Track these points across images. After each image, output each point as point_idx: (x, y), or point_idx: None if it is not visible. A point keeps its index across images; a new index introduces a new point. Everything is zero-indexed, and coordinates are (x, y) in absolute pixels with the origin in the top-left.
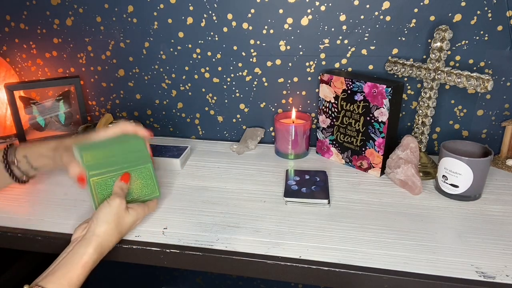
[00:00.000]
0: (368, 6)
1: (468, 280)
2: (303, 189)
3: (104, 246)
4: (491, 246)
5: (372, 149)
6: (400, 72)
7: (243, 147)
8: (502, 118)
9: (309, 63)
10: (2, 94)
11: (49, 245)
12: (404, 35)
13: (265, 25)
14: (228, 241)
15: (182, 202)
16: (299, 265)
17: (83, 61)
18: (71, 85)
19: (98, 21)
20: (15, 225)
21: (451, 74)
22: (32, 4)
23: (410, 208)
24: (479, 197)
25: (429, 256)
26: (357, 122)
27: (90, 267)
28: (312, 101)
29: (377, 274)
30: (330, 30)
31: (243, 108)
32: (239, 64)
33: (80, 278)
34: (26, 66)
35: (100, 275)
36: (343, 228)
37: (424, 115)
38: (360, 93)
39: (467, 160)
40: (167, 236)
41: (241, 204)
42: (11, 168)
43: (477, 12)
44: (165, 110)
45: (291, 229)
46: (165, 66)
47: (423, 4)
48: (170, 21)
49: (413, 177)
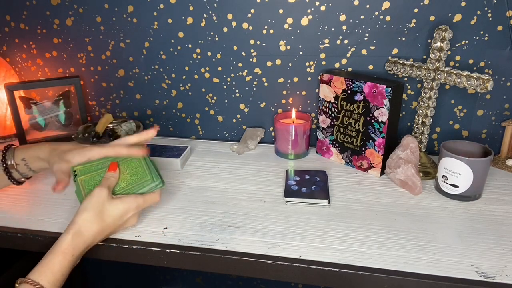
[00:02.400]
0: (368, 6)
1: (468, 280)
2: (303, 189)
3: (83, 232)
4: (491, 246)
5: (372, 149)
6: (400, 72)
7: (243, 147)
8: (502, 118)
9: (309, 63)
10: (2, 94)
11: (49, 245)
12: (404, 35)
13: (265, 25)
14: (228, 241)
15: (182, 202)
16: (299, 265)
17: (83, 61)
18: (71, 85)
19: (98, 21)
20: (15, 225)
21: (451, 74)
22: (32, 4)
23: (410, 208)
24: (479, 197)
25: (429, 256)
26: (357, 122)
27: (71, 253)
28: (312, 101)
29: (377, 274)
30: (330, 30)
31: (243, 108)
32: (239, 64)
33: (62, 264)
34: (26, 66)
35: (100, 275)
36: (343, 228)
37: (424, 115)
38: (360, 93)
39: (467, 160)
40: (167, 236)
41: (241, 204)
42: (10, 171)
43: (477, 12)
44: (165, 110)
45: (291, 229)
46: (165, 66)
47: (423, 4)
48: (170, 21)
49: (413, 177)
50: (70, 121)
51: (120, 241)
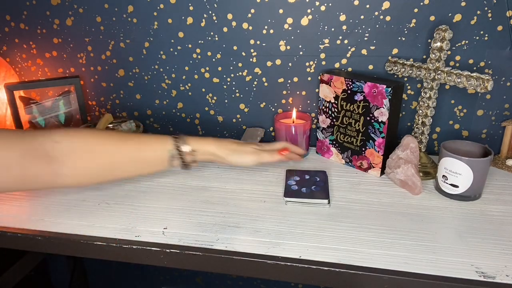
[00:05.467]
0: (368, 6)
1: (468, 280)
2: (303, 189)
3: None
4: (491, 246)
5: (372, 149)
6: (400, 72)
7: None
8: (502, 118)
9: (309, 63)
10: (2, 94)
11: (49, 245)
12: (404, 35)
13: (265, 25)
14: (228, 241)
15: (182, 202)
16: (299, 265)
17: (83, 61)
18: (71, 85)
19: (98, 21)
20: (15, 225)
21: (451, 74)
22: (32, 4)
23: (410, 208)
24: (479, 197)
25: (429, 256)
26: (357, 122)
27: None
28: (312, 101)
29: (377, 274)
30: (330, 30)
31: (243, 108)
32: (239, 64)
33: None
34: (26, 66)
35: (100, 275)
36: (343, 228)
37: (424, 115)
38: (360, 93)
39: (467, 160)
40: (167, 236)
41: (241, 204)
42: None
43: (477, 12)
44: (165, 110)
45: (291, 229)
46: (165, 66)
47: (423, 4)
48: (170, 21)
49: (413, 177)
50: (70, 121)
51: (120, 241)
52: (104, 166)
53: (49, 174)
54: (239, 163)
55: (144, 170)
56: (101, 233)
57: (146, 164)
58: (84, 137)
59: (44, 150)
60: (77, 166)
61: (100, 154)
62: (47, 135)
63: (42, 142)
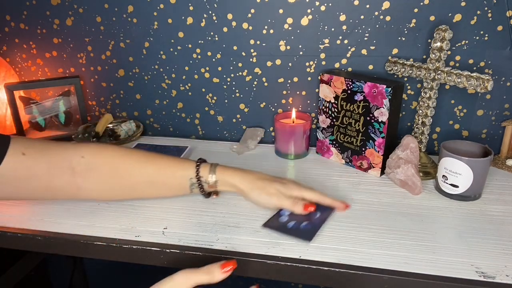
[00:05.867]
0: (368, 6)
1: (468, 280)
2: (290, 223)
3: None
4: (491, 246)
5: (372, 149)
6: (400, 72)
7: (243, 147)
8: (502, 118)
9: (309, 63)
10: (2, 94)
11: (49, 245)
12: (404, 35)
13: (265, 25)
14: (228, 241)
15: (182, 202)
16: (299, 265)
17: (83, 61)
18: (71, 85)
19: (98, 21)
20: (15, 225)
21: (451, 74)
22: (32, 4)
23: (410, 208)
24: (479, 197)
25: (429, 256)
26: (357, 122)
27: None
28: (312, 101)
29: (377, 274)
30: (330, 30)
31: (243, 108)
32: (239, 64)
33: None
34: (26, 66)
35: (100, 275)
36: (343, 228)
37: (424, 115)
38: (360, 93)
39: (467, 160)
40: (167, 236)
41: (241, 204)
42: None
43: (477, 12)
44: (165, 110)
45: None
46: (165, 66)
47: (423, 4)
48: (170, 21)
49: (413, 177)
50: (70, 121)
51: (120, 241)
52: (125, 186)
53: (72, 187)
54: (259, 203)
55: (166, 193)
56: (101, 233)
57: (167, 188)
58: (110, 155)
59: (70, 163)
60: (99, 182)
61: (123, 174)
62: (74, 149)
63: (68, 155)
